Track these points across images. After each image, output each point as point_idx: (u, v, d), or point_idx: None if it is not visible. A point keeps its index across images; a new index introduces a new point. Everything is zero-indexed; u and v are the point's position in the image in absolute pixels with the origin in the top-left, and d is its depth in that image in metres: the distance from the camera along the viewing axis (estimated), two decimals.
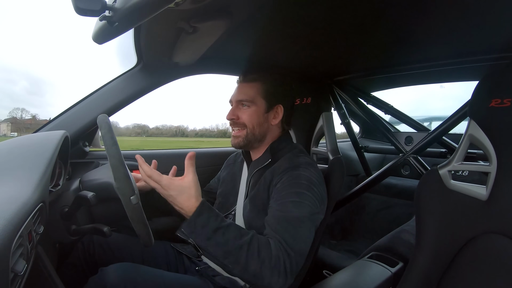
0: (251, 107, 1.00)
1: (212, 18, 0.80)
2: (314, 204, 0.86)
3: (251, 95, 1.00)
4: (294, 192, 0.86)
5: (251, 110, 1.00)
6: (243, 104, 1.01)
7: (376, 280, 0.97)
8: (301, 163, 0.93)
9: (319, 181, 0.91)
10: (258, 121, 1.00)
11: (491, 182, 0.75)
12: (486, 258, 0.74)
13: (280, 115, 1.04)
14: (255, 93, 1.01)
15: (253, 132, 1.01)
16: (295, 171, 0.90)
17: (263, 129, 1.02)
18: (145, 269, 0.86)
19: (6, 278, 0.44)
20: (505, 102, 0.72)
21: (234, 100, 1.04)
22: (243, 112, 1.01)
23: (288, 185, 0.88)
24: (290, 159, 0.96)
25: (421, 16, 0.89)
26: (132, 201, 0.71)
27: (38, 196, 0.60)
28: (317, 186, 0.89)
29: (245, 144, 1.02)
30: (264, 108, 1.01)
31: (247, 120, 1.00)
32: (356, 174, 2.22)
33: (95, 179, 0.91)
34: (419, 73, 1.46)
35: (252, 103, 1.00)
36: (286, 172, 0.91)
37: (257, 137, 1.02)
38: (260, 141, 1.03)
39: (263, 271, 0.73)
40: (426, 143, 1.49)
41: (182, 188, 0.78)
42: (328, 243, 1.99)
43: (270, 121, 1.03)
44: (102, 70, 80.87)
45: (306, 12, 0.89)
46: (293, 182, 0.88)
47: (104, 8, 0.60)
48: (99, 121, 0.74)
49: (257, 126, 1.01)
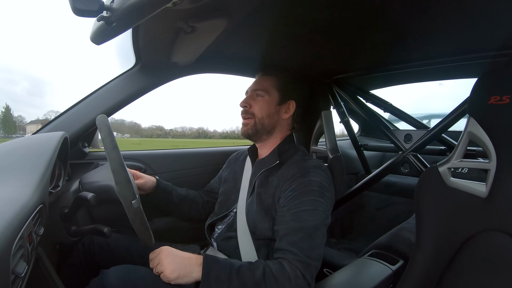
0: (265, 97, 1.04)
1: (211, 18, 0.80)
2: (327, 209, 0.88)
3: (266, 86, 1.05)
4: (307, 200, 0.87)
5: (264, 100, 1.04)
6: (258, 94, 1.05)
7: (376, 278, 0.97)
8: (309, 167, 0.94)
9: (329, 184, 0.93)
10: (269, 111, 1.03)
11: (490, 179, 0.75)
12: (486, 255, 0.74)
13: (292, 111, 1.07)
14: (270, 85, 1.05)
15: (262, 122, 1.03)
16: (306, 177, 0.91)
17: (273, 121, 1.04)
18: (146, 271, 0.86)
19: (7, 280, 0.44)
20: (504, 99, 0.72)
21: (250, 90, 1.08)
22: (256, 102, 1.05)
23: (301, 193, 0.88)
24: (298, 163, 0.97)
25: (419, 14, 0.89)
26: (133, 205, 0.71)
27: (38, 197, 0.60)
28: (328, 191, 0.91)
29: (253, 133, 1.04)
30: (277, 100, 1.05)
31: (257, 110, 1.04)
32: (355, 172, 2.22)
33: (95, 181, 0.91)
34: (418, 71, 1.46)
35: (266, 93, 1.04)
36: (295, 179, 0.91)
37: (266, 127, 1.04)
38: (268, 133, 1.05)
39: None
40: (426, 140, 1.49)
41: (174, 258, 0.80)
42: (328, 242, 1.97)
43: (281, 115, 1.06)
44: (101, 70, 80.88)
45: (304, 11, 0.89)
46: (306, 189, 0.89)
47: (102, 9, 0.59)
48: (99, 123, 0.74)
49: (267, 117, 1.03)
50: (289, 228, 0.84)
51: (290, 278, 0.75)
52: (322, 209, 0.86)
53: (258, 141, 1.08)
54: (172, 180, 1.49)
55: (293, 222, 0.84)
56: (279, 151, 1.03)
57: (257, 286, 0.75)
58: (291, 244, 0.81)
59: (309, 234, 0.82)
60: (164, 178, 1.45)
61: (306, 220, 0.84)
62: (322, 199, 0.88)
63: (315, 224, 0.84)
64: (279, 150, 1.03)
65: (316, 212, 0.85)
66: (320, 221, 0.85)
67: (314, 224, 0.84)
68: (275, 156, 1.01)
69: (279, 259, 0.80)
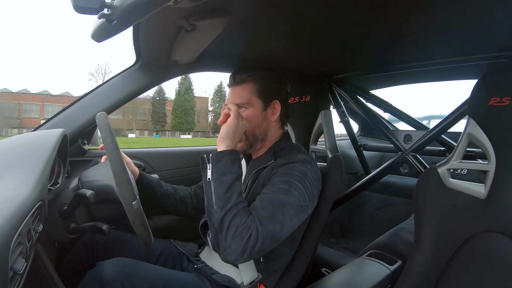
0: (248, 109, 0.99)
1: (211, 16, 0.80)
2: (302, 196, 0.85)
3: (245, 97, 0.99)
4: (284, 180, 0.86)
5: (248, 112, 0.99)
6: (240, 107, 0.99)
7: (374, 278, 0.98)
8: (298, 159, 0.93)
9: (314, 178, 0.91)
10: (257, 122, 1.00)
11: (489, 180, 0.75)
12: (484, 256, 0.74)
13: (278, 111, 1.03)
14: (249, 94, 0.99)
15: (253, 135, 1.00)
16: (290, 164, 0.91)
17: (263, 128, 1.01)
18: (142, 265, 0.87)
19: (5, 277, 0.44)
20: (504, 100, 0.72)
21: (230, 104, 1.02)
22: None
23: (282, 174, 0.88)
24: (288, 156, 0.96)
25: (420, 14, 0.89)
26: (134, 206, 0.72)
27: (37, 194, 0.61)
28: (310, 182, 0.89)
29: (248, 147, 1.02)
30: (261, 107, 1.00)
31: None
32: (355, 172, 2.22)
33: (95, 180, 0.91)
34: (418, 72, 1.46)
35: (249, 105, 0.99)
36: (281, 166, 0.91)
37: (258, 137, 1.01)
38: (262, 141, 1.03)
39: (229, 230, 0.75)
40: (425, 141, 1.49)
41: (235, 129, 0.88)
42: (327, 241, 1.99)
43: (269, 118, 1.02)
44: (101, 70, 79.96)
45: (304, 11, 0.89)
46: (287, 172, 0.88)
47: (103, 6, 0.59)
48: (99, 122, 0.74)
49: (257, 128, 1.00)
50: (259, 197, 0.84)
51: (244, 223, 0.76)
52: (296, 193, 0.84)
53: (254, 150, 1.06)
54: (172, 178, 1.50)
55: (264, 194, 0.85)
56: (275, 149, 1.02)
57: (228, 199, 0.79)
58: (253, 207, 0.81)
59: (274, 206, 0.80)
60: (164, 176, 1.45)
61: (276, 195, 0.83)
62: (300, 184, 0.86)
63: (282, 201, 0.82)
64: (275, 149, 1.02)
65: (289, 192, 0.84)
66: (290, 202, 0.83)
67: (282, 200, 0.82)
68: (270, 155, 1.01)
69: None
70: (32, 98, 36.18)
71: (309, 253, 0.98)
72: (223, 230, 0.76)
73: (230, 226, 0.75)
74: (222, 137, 0.87)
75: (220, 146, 0.86)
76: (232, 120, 0.88)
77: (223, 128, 0.88)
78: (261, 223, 0.77)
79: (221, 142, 0.87)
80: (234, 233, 0.75)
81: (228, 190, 0.79)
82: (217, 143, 0.88)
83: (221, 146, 0.86)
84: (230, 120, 0.88)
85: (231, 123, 0.88)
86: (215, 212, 0.78)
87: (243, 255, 0.75)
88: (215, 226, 0.78)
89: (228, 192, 0.79)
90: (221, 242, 0.77)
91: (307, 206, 0.88)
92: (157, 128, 40.52)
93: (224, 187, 0.80)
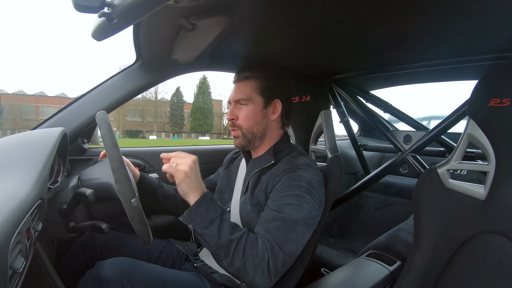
0: (249, 105, 1.00)
1: (212, 16, 0.80)
2: (312, 207, 0.86)
3: (247, 93, 1.00)
4: (293, 194, 0.86)
5: (248, 108, 1.00)
6: (241, 103, 1.01)
7: (374, 279, 0.98)
8: (300, 164, 0.93)
9: (319, 184, 0.91)
10: (256, 119, 1.00)
11: (489, 181, 0.75)
12: (484, 257, 0.74)
13: (279, 110, 1.03)
14: (250, 90, 1.00)
15: (251, 131, 1.00)
16: (295, 172, 0.90)
17: (262, 126, 1.02)
18: (142, 265, 0.86)
19: (4, 275, 0.44)
20: (504, 101, 0.72)
21: (232, 100, 1.04)
22: (241, 112, 1.01)
23: (288, 186, 0.87)
24: (289, 161, 0.96)
25: (420, 15, 0.89)
26: (132, 203, 0.72)
27: (36, 193, 0.60)
28: (316, 189, 0.89)
29: (246, 143, 1.02)
30: (262, 104, 1.01)
31: (244, 121, 1.00)
32: (354, 172, 2.22)
33: (94, 178, 0.91)
34: (419, 72, 1.46)
35: (249, 101, 1.00)
36: (285, 174, 0.91)
37: (257, 135, 1.01)
38: (261, 138, 1.03)
39: (247, 268, 0.76)
40: (425, 141, 1.49)
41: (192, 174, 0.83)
42: (326, 241, 1.99)
43: (269, 117, 1.02)
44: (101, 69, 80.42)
45: (305, 11, 0.89)
46: (293, 184, 0.88)
47: (103, 5, 0.59)
48: (98, 120, 0.74)
49: (255, 125, 1.00)
50: (269, 216, 0.84)
51: (256, 255, 0.76)
52: (306, 205, 0.85)
53: (253, 147, 1.06)
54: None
55: (274, 211, 0.84)
56: (275, 150, 1.02)
57: (228, 244, 0.77)
58: (266, 230, 0.81)
59: (287, 226, 0.81)
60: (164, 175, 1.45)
61: (287, 213, 0.83)
62: (309, 196, 0.86)
63: (295, 219, 0.82)
64: (275, 149, 1.02)
65: (300, 207, 0.84)
66: (302, 217, 0.83)
67: (295, 218, 0.82)
68: (270, 156, 1.01)
69: (258, 236, 0.81)
70: (49, 101, 37.45)
71: (308, 253, 0.98)
72: (240, 269, 0.77)
73: (246, 264, 0.76)
74: (185, 192, 0.82)
75: (189, 200, 0.82)
76: (182, 173, 0.82)
77: (180, 185, 0.82)
78: (279, 246, 0.78)
79: (187, 197, 0.82)
80: (252, 267, 0.76)
81: (221, 235, 0.78)
82: (184, 198, 0.84)
83: (190, 198, 0.82)
84: (181, 175, 0.81)
85: (182, 176, 0.81)
86: (224, 259, 0.78)
87: (271, 280, 0.78)
88: (231, 270, 0.79)
89: (221, 237, 0.78)
90: (244, 278, 0.78)
91: (317, 215, 0.89)
92: (175, 130, 40.88)
93: (215, 236, 0.78)
